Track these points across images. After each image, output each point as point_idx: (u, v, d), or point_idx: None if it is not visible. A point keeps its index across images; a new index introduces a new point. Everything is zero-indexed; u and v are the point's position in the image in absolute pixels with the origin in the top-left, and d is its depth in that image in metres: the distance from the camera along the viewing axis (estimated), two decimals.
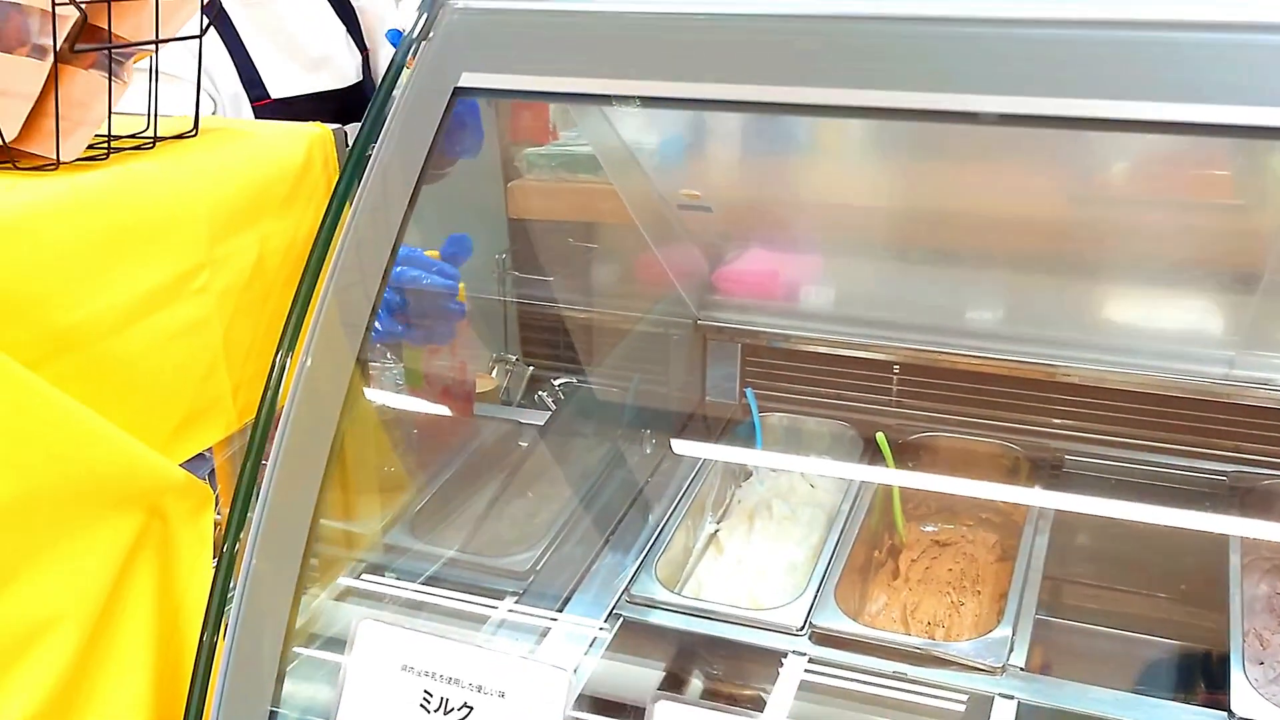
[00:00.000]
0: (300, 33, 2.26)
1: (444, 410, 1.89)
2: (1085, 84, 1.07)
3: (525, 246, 2.34)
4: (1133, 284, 1.75)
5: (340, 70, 2.30)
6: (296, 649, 1.30)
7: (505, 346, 2.19)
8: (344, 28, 2.33)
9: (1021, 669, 1.41)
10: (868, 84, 1.16)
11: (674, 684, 1.53)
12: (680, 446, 1.93)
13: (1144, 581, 1.69)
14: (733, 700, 1.52)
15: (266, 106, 2.17)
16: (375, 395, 1.73)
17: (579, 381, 2.11)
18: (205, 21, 1.28)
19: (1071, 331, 1.78)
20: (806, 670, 1.44)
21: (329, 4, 2.33)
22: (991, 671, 1.41)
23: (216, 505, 1.33)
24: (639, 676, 1.52)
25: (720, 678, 1.54)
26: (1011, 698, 1.37)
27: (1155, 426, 1.79)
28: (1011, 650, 1.43)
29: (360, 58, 2.35)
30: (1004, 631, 1.46)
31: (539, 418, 2.01)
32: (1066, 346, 1.78)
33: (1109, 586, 1.70)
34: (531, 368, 2.11)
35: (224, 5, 2.15)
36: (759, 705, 1.47)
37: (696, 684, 1.54)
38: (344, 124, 1.48)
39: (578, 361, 2.16)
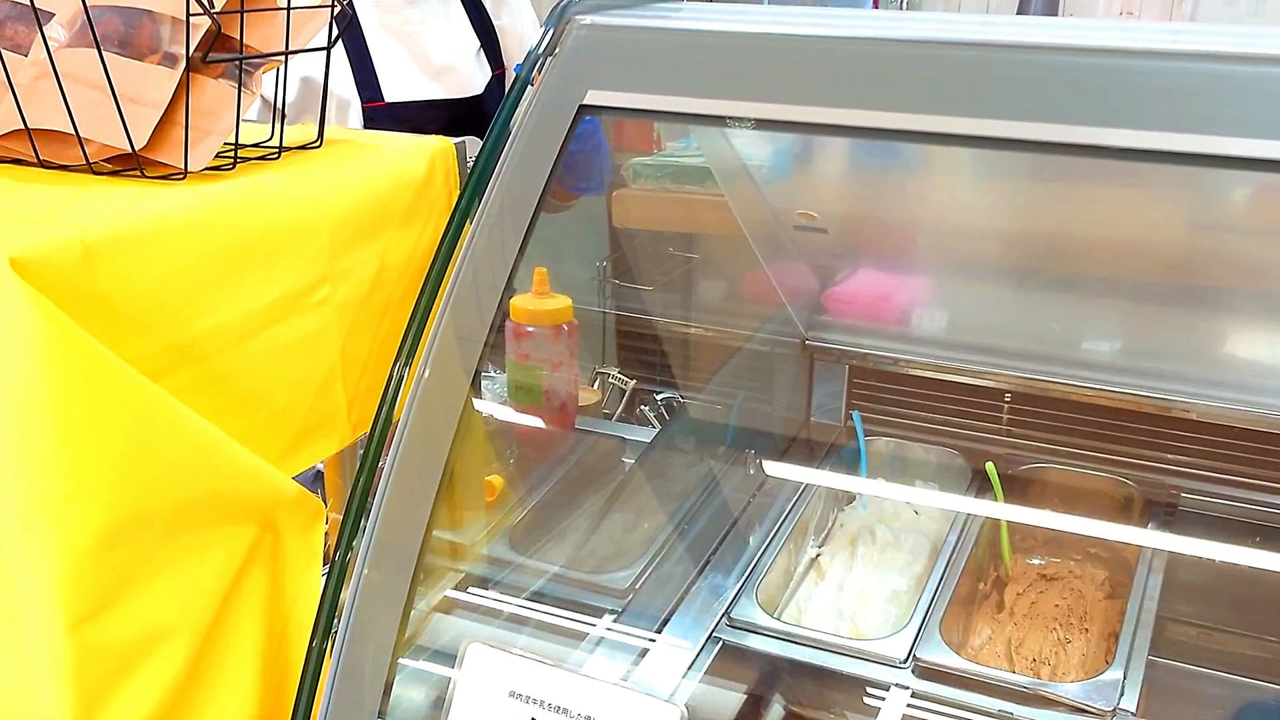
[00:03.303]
0: (429, 40, 2.26)
1: (548, 424, 1.89)
2: (1215, 120, 1.04)
3: (628, 256, 2.33)
4: (1256, 319, 1.70)
5: (462, 82, 2.30)
6: (402, 660, 1.30)
7: (604, 358, 2.18)
8: (479, 43, 2.33)
9: (1132, 714, 1.37)
10: (991, 114, 1.14)
11: (771, 712, 1.51)
12: (779, 470, 1.91)
13: (1261, 626, 1.64)
14: None
15: (379, 109, 2.17)
16: (483, 407, 1.73)
17: (682, 398, 2.10)
18: (336, 33, 1.28)
19: (1191, 366, 1.73)
20: (909, 705, 1.42)
21: (469, 19, 2.33)
22: (1101, 715, 1.37)
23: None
24: (737, 702, 1.50)
25: (818, 707, 1.51)
26: None
27: (1275, 466, 1.74)
28: (1123, 694, 1.39)
29: (491, 75, 2.35)
30: (1115, 674, 1.42)
31: (641, 433, 1.99)
32: (1185, 381, 1.73)
33: (1223, 629, 1.65)
34: (633, 382, 2.10)
35: (355, 8, 2.16)
36: None
37: (795, 713, 1.52)
38: (454, 135, 1.47)
39: (680, 376, 2.14)
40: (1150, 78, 1.08)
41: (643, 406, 2.08)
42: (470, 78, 2.31)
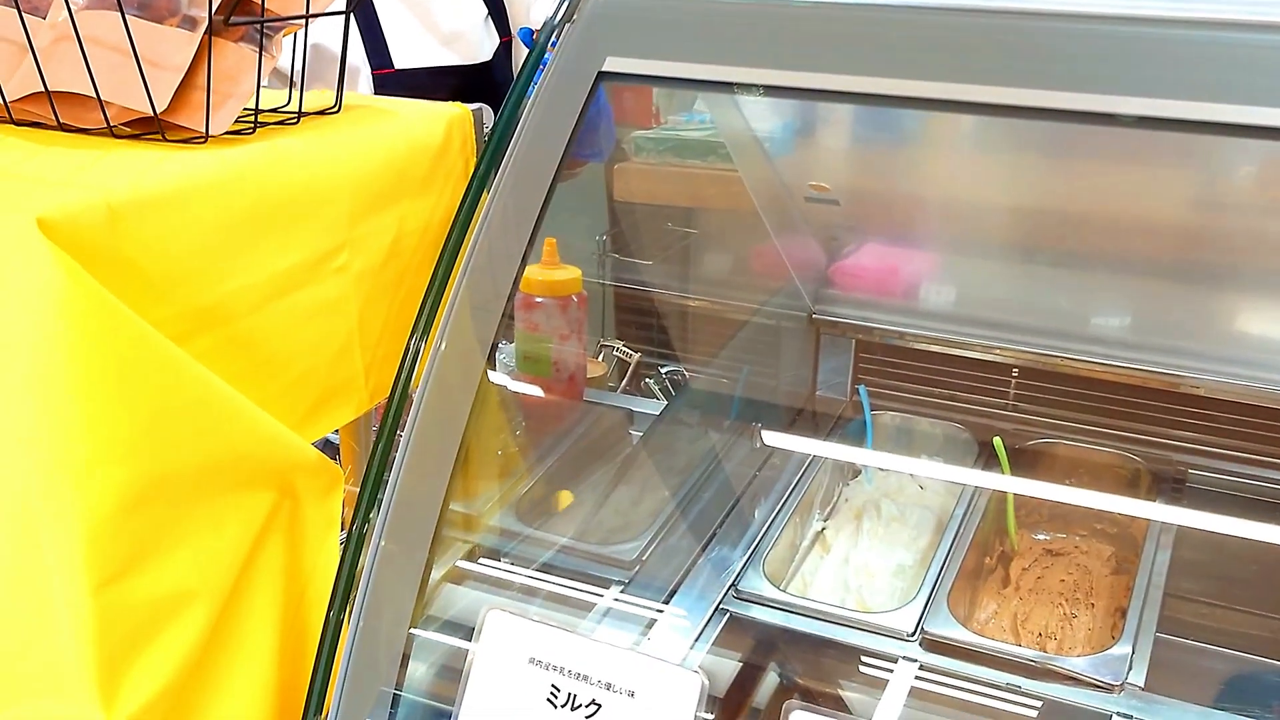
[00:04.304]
0: (438, 7, 2.25)
1: (556, 395, 1.88)
2: (1227, 89, 1.04)
3: (628, 230, 2.32)
4: (1264, 294, 1.70)
5: (470, 49, 2.29)
6: (415, 630, 1.30)
7: (604, 331, 2.17)
8: (486, 10, 2.32)
9: (1140, 688, 1.38)
10: (1008, 81, 1.13)
11: (778, 683, 1.51)
12: (784, 443, 1.91)
13: (1270, 602, 1.64)
14: (838, 704, 1.50)
15: (388, 76, 2.16)
16: (497, 379, 1.72)
17: (687, 370, 2.09)
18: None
19: (1198, 342, 1.73)
20: (917, 677, 1.42)
21: None
22: (1109, 689, 1.37)
23: None
24: (745, 673, 1.50)
25: (825, 679, 1.51)
26: (1129, 717, 1.33)
27: None
28: (1130, 668, 1.40)
29: (499, 42, 2.34)
30: (1123, 648, 1.43)
31: (646, 405, 1.99)
32: (1193, 357, 1.73)
33: (1231, 606, 1.66)
34: (638, 355, 2.09)
35: None
36: (866, 710, 1.45)
37: (802, 684, 1.52)
38: (463, 102, 1.46)
39: (685, 350, 2.14)
40: (1162, 45, 1.08)
41: (647, 380, 2.07)
42: (479, 44, 2.30)
